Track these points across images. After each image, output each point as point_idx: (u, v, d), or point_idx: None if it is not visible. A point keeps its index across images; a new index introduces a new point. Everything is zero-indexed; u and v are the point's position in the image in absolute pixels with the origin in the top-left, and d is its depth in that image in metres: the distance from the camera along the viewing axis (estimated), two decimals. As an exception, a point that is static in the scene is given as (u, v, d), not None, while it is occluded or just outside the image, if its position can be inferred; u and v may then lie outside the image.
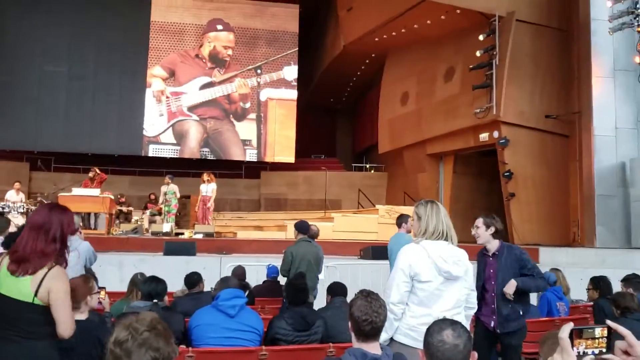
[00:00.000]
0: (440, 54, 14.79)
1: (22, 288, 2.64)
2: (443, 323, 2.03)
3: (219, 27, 18.70)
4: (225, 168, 17.97)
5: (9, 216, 11.57)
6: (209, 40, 18.61)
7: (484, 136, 13.13)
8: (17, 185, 12.90)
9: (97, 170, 12.76)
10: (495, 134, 12.69)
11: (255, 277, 7.88)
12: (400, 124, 16.15)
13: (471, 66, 12.98)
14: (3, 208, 11.94)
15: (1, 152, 16.70)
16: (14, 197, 12.51)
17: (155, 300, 4.09)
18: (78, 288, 3.32)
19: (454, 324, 2.02)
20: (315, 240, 7.00)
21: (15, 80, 17.31)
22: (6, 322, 2.63)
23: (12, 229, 9.12)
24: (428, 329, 2.06)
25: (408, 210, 12.74)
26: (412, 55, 15.91)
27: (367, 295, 2.63)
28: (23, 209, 12.18)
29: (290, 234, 12.10)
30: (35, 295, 2.63)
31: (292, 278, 4.80)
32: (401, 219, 6.37)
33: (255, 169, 19.60)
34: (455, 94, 13.98)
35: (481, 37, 12.81)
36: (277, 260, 7.78)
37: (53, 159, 18.23)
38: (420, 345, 3.00)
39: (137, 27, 18.24)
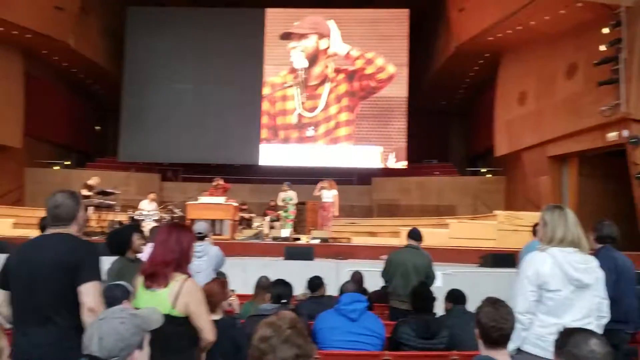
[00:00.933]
0: (560, 51, 14.06)
1: (159, 301, 2.84)
2: (584, 333, 1.98)
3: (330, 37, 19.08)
4: (337, 175, 18.25)
5: (144, 224, 12.56)
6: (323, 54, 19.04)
7: (611, 135, 12.26)
8: (151, 195, 13.87)
9: (221, 181, 13.48)
10: (625, 132, 11.81)
11: (372, 282, 7.94)
12: (519, 125, 15.54)
13: (595, 61, 12.21)
14: (139, 216, 12.96)
15: (136, 164, 18.14)
16: (148, 206, 13.50)
17: (284, 301, 4.25)
18: (216, 294, 3.57)
19: (594, 333, 1.97)
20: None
21: (147, 101, 19.05)
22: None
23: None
24: (566, 340, 2.00)
25: (530, 216, 12.32)
26: (530, 53, 15.27)
27: (494, 302, 2.62)
28: (156, 217, 13.15)
29: (404, 240, 12.09)
30: (174, 307, 2.85)
31: (417, 286, 4.80)
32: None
33: (366, 176, 19.72)
34: (579, 92, 13.21)
35: (605, 30, 12.03)
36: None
37: (181, 170, 19.54)
38: (550, 355, 2.96)
39: (254, 45, 19.18)
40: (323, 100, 18.74)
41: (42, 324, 2.64)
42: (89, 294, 2.70)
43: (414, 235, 6.53)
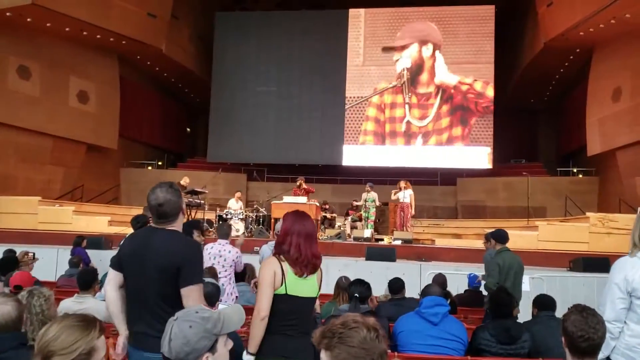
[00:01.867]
0: (658, 44, 13.28)
1: (311, 286, 3.05)
2: None
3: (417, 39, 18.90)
4: (420, 175, 18.04)
5: (231, 222, 12.98)
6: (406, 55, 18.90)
7: None
8: (238, 194, 14.35)
9: (304, 182, 13.69)
10: None
11: (456, 285, 7.81)
12: (613, 122, 14.75)
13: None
14: (226, 215, 13.42)
15: (223, 165, 18.79)
16: (235, 205, 13.94)
17: (356, 295, 4.26)
18: None
19: None
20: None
21: (234, 103, 19.74)
22: (303, 319, 3.02)
23: (233, 233, 10.20)
24: None
25: (625, 218, 11.69)
26: (624, 48, 14.46)
27: (582, 310, 2.52)
28: (242, 215, 13.56)
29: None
30: (319, 289, 3.12)
31: (495, 292, 4.68)
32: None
33: (451, 176, 19.35)
34: (680, 87, 12.42)
35: None
36: (477, 270, 7.65)
37: (266, 170, 20.05)
38: (641, 366, 2.82)
39: (336, 48, 19.38)
40: (434, 111, 18.56)
41: (150, 316, 2.76)
42: (190, 297, 2.75)
43: (502, 237, 6.34)
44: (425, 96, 18.55)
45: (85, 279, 4.63)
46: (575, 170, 18.61)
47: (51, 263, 9.66)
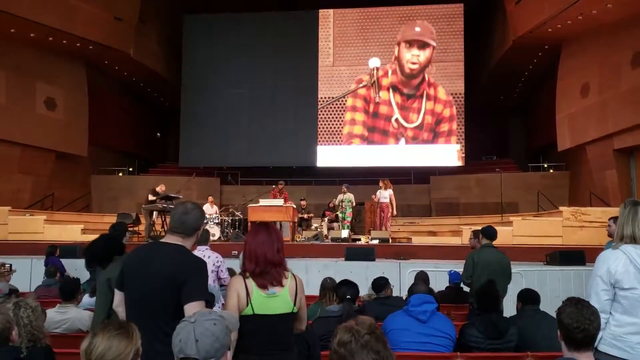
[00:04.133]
0: (625, 39, 13.53)
1: (282, 302, 2.87)
2: None
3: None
4: (394, 174, 18.10)
5: (207, 227, 12.84)
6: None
7: (682, 126, 11.75)
8: (210, 198, 14.29)
9: (283, 188, 13.67)
10: (697, 122, 11.29)
11: (435, 283, 7.84)
12: (582, 118, 15.04)
13: (663, 49, 11.71)
14: (201, 220, 13.25)
15: (195, 169, 18.59)
16: (209, 209, 13.81)
17: (348, 297, 4.24)
18: None
19: None
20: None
21: (205, 107, 19.55)
22: (279, 337, 2.87)
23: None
24: None
25: (597, 211, 11.92)
26: (591, 44, 14.76)
27: (577, 302, 2.54)
28: (218, 219, 13.43)
29: (465, 239, 11.90)
30: (294, 305, 2.90)
31: (483, 285, 4.71)
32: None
33: (424, 174, 19.49)
34: (646, 81, 12.71)
35: (674, 16, 11.51)
36: (456, 267, 7.70)
37: (239, 173, 19.91)
38: (628, 356, 2.89)
39: (307, 49, 19.34)
40: (420, 116, 18.58)
41: (153, 332, 2.67)
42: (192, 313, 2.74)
43: (491, 233, 6.38)
44: (412, 99, 18.59)
45: (68, 289, 4.54)
46: (546, 165, 18.92)
47: (25, 273, 9.41)
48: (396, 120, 18.54)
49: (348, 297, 4.19)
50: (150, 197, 12.98)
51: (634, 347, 2.92)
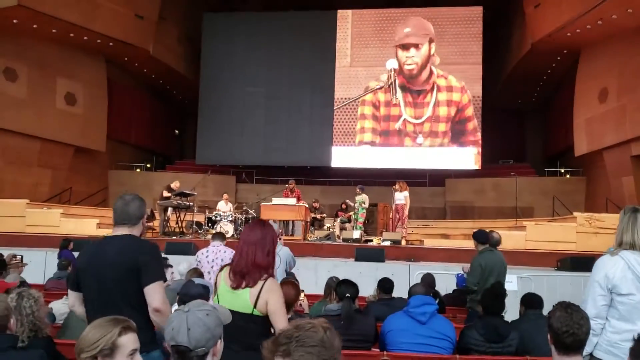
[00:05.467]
0: (645, 44, 13.40)
1: (242, 301, 2.88)
2: None
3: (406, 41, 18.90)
4: (409, 176, 18.06)
5: (220, 224, 12.96)
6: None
7: (701, 133, 11.57)
8: (225, 196, 14.39)
9: (295, 186, 13.73)
10: None
11: (445, 285, 7.84)
12: (600, 123, 14.88)
13: (684, 55, 11.53)
14: (216, 217, 13.39)
15: (212, 167, 18.74)
16: (224, 207, 13.93)
17: (347, 295, 4.26)
18: (289, 295, 3.66)
19: None
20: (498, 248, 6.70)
21: (222, 105, 19.63)
22: (228, 335, 2.91)
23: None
24: None
25: (612, 218, 11.77)
26: (611, 48, 14.59)
27: (566, 306, 2.54)
28: (232, 217, 13.54)
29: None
30: (255, 306, 2.86)
31: (492, 286, 4.71)
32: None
33: (439, 177, 19.42)
34: (665, 87, 12.55)
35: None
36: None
37: (255, 172, 20.01)
38: (624, 363, 2.86)
39: (324, 49, 19.33)
40: (430, 109, 18.49)
41: None
42: (154, 294, 2.81)
43: (481, 237, 6.35)
44: (422, 94, 18.51)
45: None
46: (562, 170, 18.76)
47: (39, 266, 9.59)
48: (404, 120, 18.49)
49: (347, 295, 4.21)
50: (165, 194, 13.13)
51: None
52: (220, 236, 6.34)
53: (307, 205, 13.18)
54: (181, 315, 1.95)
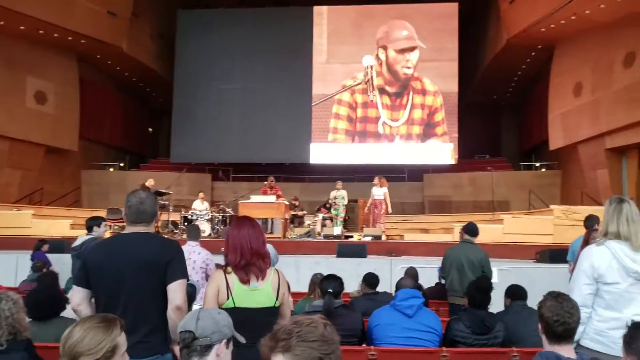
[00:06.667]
0: (617, 39, 13.56)
1: (264, 295, 2.92)
2: None
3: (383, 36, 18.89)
4: (388, 172, 18.07)
5: (197, 223, 12.79)
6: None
7: (674, 125, 11.77)
8: (201, 194, 14.23)
9: (274, 183, 13.60)
10: (688, 122, 11.31)
11: (427, 279, 7.84)
12: (574, 117, 15.07)
13: (655, 49, 11.71)
14: (192, 216, 13.22)
15: (187, 165, 18.54)
16: (200, 205, 13.77)
17: (330, 290, 4.21)
18: None
19: None
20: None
21: (197, 102, 19.41)
22: (253, 334, 2.81)
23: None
24: (635, 335, 1.92)
25: (588, 210, 11.92)
26: (584, 43, 14.79)
27: (557, 295, 2.55)
28: (208, 216, 13.38)
29: (457, 236, 11.90)
30: (277, 298, 2.94)
31: (477, 280, 4.71)
32: (588, 221, 6.03)
33: (417, 172, 19.51)
34: (638, 81, 12.70)
35: (666, 16, 11.52)
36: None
37: (231, 170, 19.84)
38: (610, 351, 2.90)
39: (301, 46, 19.22)
40: (407, 111, 18.50)
41: (132, 321, 2.65)
42: (178, 291, 2.78)
43: (470, 229, 6.41)
44: (400, 97, 18.54)
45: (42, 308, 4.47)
46: (538, 164, 18.99)
47: (10, 268, 9.34)
48: (383, 123, 18.51)
49: (329, 290, 4.16)
50: (140, 193, 12.88)
51: (616, 342, 2.91)
52: (194, 233, 6.18)
53: (287, 203, 13.09)
54: (194, 310, 2.14)
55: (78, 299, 2.87)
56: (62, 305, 3.83)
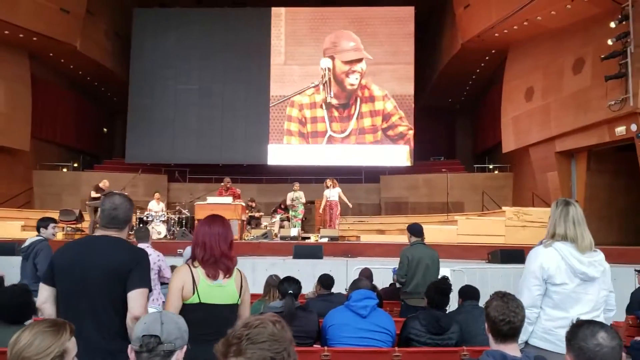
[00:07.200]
0: (567, 45, 14.01)
1: (229, 292, 2.96)
2: (593, 326, 1.97)
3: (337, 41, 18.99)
4: (345, 174, 18.20)
5: (152, 224, 12.63)
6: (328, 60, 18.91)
7: (620, 130, 12.19)
8: (156, 195, 14.01)
9: (230, 184, 13.51)
10: (633, 127, 11.73)
11: (381, 279, 7.96)
12: (526, 121, 15.49)
13: (602, 56, 12.12)
14: (147, 217, 13.03)
15: (142, 166, 18.23)
16: (155, 206, 13.57)
17: (290, 291, 4.25)
18: None
19: (603, 325, 1.96)
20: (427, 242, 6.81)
21: (153, 102, 19.14)
22: (216, 330, 2.75)
23: (154, 235, 9.90)
24: (575, 334, 2.00)
25: (539, 212, 12.30)
26: (536, 49, 15.21)
27: (502, 295, 2.62)
28: (164, 217, 13.20)
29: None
30: (240, 295, 2.98)
31: (437, 281, 4.80)
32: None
33: (374, 174, 19.69)
34: (586, 87, 13.15)
35: (613, 25, 11.95)
36: (402, 264, 7.82)
37: (188, 171, 19.62)
38: (557, 349, 2.99)
39: (259, 47, 19.15)
40: (353, 121, 18.64)
41: (92, 325, 2.65)
42: (137, 300, 2.74)
43: (419, 231, 6.47)
44: (347, 108, 18.67)
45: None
46: (491, 166, 19.41)
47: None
48: (330, 136, 18.66)
49: (290, 292, 4.20)
50: (94, 194, 12.66)
51: (562, 340, 2.98)
52: (143, 235, 6.14)
53: (243, 204, 13.05)
54: (155, 314, 2.08)
55: (43, 297, 2.84)
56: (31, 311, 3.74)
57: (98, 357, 2.59)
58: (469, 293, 4.79)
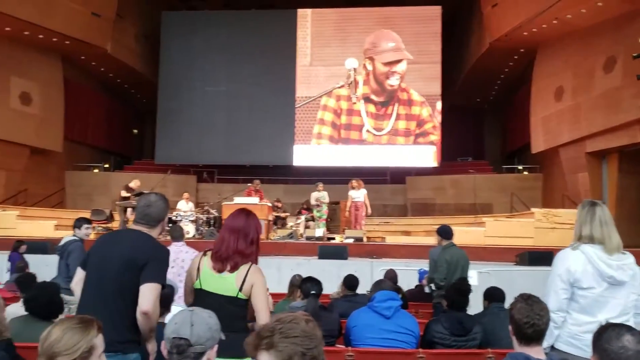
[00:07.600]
0: (598, 44, 13.74)
1: (227, 284, 2.97)
2: (619, 328, 1.95)
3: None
4: (370, 174, 18.14)
5: (181, 224, 12.79)
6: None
7: (652, 130, 11.97)
8: (185, 195, 14.22)
9: (259, 186, 13.62)
10: (666, 126, 11.50)
11: (407, 281, 7.92)
12: (556, 121, 15.25)
13: (635, 54, 11.84)
14: (176, 217, 13.21)
15: (172, 166, 18.47)
16: (184, 206, 13.76)
17: (313, 292, 4.27)
18: None
19: (630, 329, 1.94)
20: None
21: (182, 104, 19.38)
22: (226, 318, 2.75)
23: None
24: (601, 335, 1.98)
25: (569, 213, 12.10)
26: (566, 48, 14.96)
27: (527, 298, 2.60)
28: (193, 217, 13.38)
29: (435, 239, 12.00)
30: (240, 290, 2.97)
31: (457, 282, 4.78)
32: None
33: (400, 174, 19.60)
34: (618, 86, 12.87)
35: (644, 22, 11.70)
36: (426, 265, 7.77)
37: (216, 171, 19.83)
38: (584, 354, 2.95)
39: (285, 48, 19.22)
40: (391, 122, 18.52)
41: (103, 314, 2.66)
42: (146, 295, 2.79)
43: (449, 232, 6.44)
44: (385, 107, 18.58)
45: (24, 285, 4.50)
46: (520, 167, 19.14)
47: (-8, 269, 9.30)
48: (367, 131, 18.56)
49: (312, 292, 4.23)
50: (124, 194, 12.89)
51: (589, 345, 2.97)
52: (178, 234, 6.20)
53: (270, 204, 13.13)
54: (186, 312, 2.07)
55: (77, 279, 3.05)
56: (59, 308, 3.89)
57: (107, 345, 2.64)
58: (494, 295, 4.75)
